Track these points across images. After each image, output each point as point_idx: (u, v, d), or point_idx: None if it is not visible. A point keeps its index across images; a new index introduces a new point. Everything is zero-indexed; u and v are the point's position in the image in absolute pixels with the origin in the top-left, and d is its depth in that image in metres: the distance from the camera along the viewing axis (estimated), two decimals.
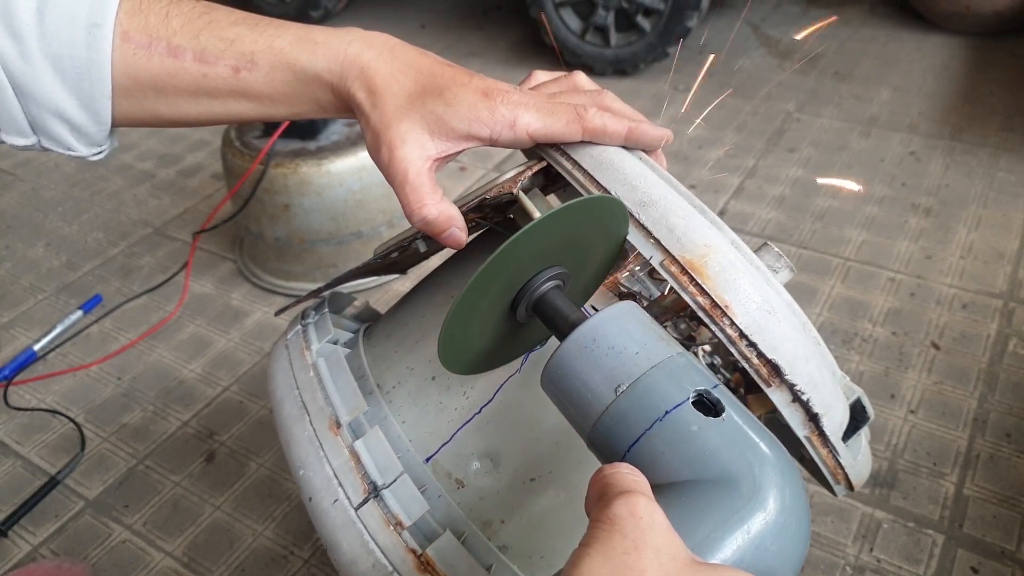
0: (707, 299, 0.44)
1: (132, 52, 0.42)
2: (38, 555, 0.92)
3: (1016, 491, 0.90)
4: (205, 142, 1.79)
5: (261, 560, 0.90)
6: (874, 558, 0.85)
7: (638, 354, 0.36)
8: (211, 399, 1.11)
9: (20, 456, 1.05)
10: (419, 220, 0.45)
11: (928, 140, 1.61)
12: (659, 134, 0.49)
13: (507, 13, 2.40)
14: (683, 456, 0.32)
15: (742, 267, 0.45)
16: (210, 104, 0.45)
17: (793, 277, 0.52)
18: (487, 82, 0.45)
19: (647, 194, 0.46)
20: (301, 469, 0.49)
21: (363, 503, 0.46)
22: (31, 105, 0.42)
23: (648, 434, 0.33)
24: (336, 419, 0.50)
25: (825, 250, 1.31)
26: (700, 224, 0.46)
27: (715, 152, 1.63)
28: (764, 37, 2.14)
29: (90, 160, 0.47)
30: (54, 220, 1.56)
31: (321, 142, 1.21)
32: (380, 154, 0.44)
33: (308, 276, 1.29)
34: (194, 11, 0.44)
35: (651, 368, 0.35)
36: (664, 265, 0.45)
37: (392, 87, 0.44)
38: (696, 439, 0.32)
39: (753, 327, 0.44)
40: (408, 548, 0.45)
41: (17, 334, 1.26)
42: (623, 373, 0.35)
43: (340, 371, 0.54)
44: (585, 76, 0.51)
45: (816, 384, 0.46)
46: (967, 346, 1.10)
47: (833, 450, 0.49)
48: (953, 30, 2.06)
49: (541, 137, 0.46)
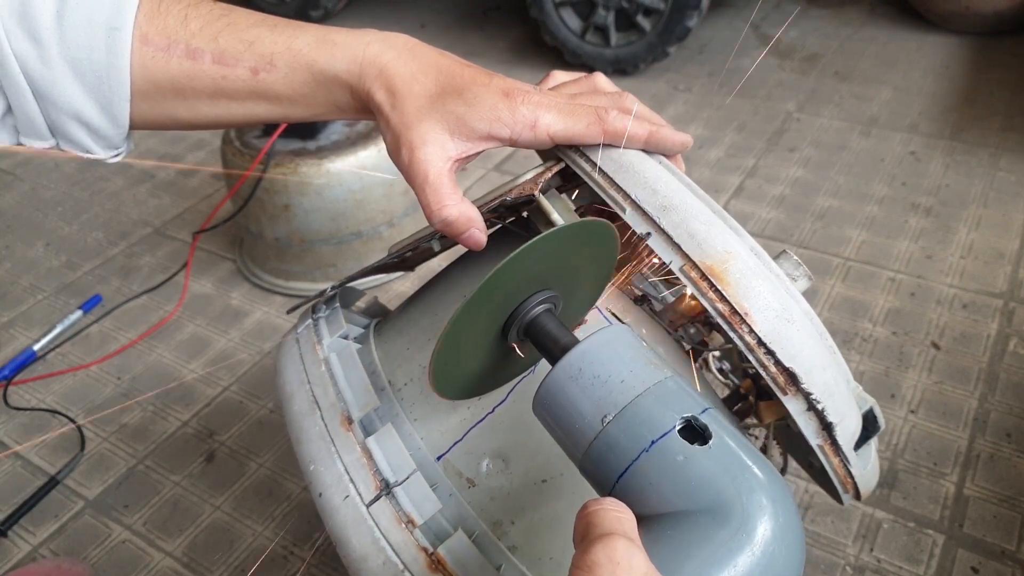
0: (727, 306, 0.43)
1: (151, 55, 0.42)
2: (38, 555, 0.92)
3: (1016, 491, 0.90)
4: (205, 142, 1.79)
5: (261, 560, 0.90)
6: (874, 558, 0.85)
7: (624, 382, 0.35)
8: (211, 399, 1.11)
9: (20, 456, 1.05)
10: (439, 221, 0.44)
11: (928, 140, 1.61)
12: (680, 139, 0.49)
13: (507, 13, 2.40)
14: (670, 488, 0.32)
15: (762, 274, 0.45)
16: (228, 106, 0.45)
17: (810, 285, 0.52)
18: (507, 82, 0.45)
19: (668, 198, 0.46)
20: (312, 464, 0.49)
21: (375, 500, 0.46)
22: (50, 108, 0.42)
23: (635, 465, 0.33)
24: (348, 415, 0.50)
25: (825, 250, 1.31)
26: (721, 230, 0.45)
27: (715, 152, 1.63)
28: (764, 37, 2.14)
29: (108, 162, 0.47)
30: (54, 220, 1.56)
31: (321, 142, 1.21)
32: (400, 155, 0.44)
33: (308, 276, 1.29)
34: (212, 13, 0.43)
35: (637, 396, 0.34)
36: (684, 270, 0.44)
37: (412, 88, 0.44)
38: (682, 469, 0.32)
39: (772, 335, 0.43)
40: (420, 547, 0.45)
41: (17, 334, 1.26)
42: (609, 403, 0.35)
43: (352, 367, 0.53)
44: (605, 77, 0.50)
45: (831, 394, 0.45)
46: (967, 346, 1.10)
47: (845, 460, 0.49)
48: (953, 30, 2.06)
49: (561, 139, 0.46)
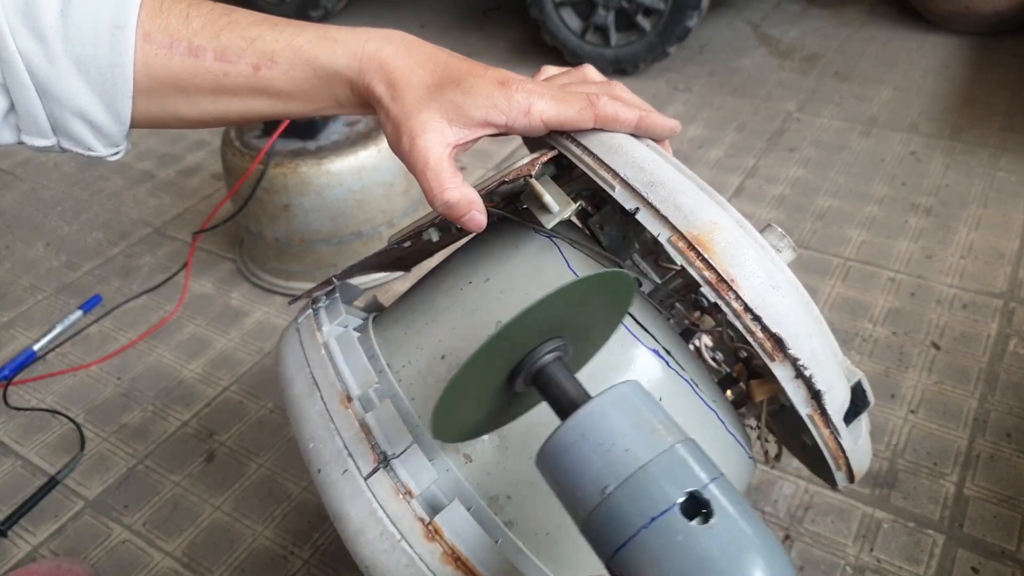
0: (713, 273, 0.44)
1: (154, 52, 0.43)
2: (38, 555, 0.92)
3: (1016, 491, 0.90)
4: (205, 142, 1.79)
5: (261, 560, 0.90)
6: (874, 558, 0.85)
7: (627, 451, 0.34)
8: (211, 399, 1.11)
9: (20, 456, 1.05)
10: (441, 204, 0.45)
11: (928, 140, 1.61)
12: (669, 124, 0.51)
13: (507, 13, 2.40)
14: (668, 566, 0.31)
15: (747, 244, 0.45)
16: (230, 102, 0.46)
17: (796, 257, 0.53)
18: (502, 73, 0.46)
19: (655, 175, 0.47)
20: (311, 442, 0.50)
21: (372, 472, 0.47)
22: (53, 106, 0.43)
23: (634, 540, 0.32)
24: (347, 394, 0.51)
25: (825, 250, 1.31)
26: (706, 203, 0.46)
27: (715, 152, 1.63)
28: (764, 37, 2.14)
29: (108, 160, 0.47)
30: (54, 220, 1.56)
31: (321, 142, 1.21)
32: (401, 143, 0.45)
33: (308, 276, 1.29)
34: (214, 12, 0.45)
35: (639, 469, 0.33)
36: (672, 241, 0.45)
37: (411, 80, 0.45)
38: (682, 549, 0.31)
39: (758, 301, 0.44)
40: (416, 516, 0.45)
41: (17, 334, 1.26)
42: (610, 474, 0.34)
43: (351, 349, 0.54)
44: (594, 68, 0.52)
45: (819, 361, 0.46)
46: (967, 346, 1.10)
47: (835, 430, 0.49)
48: (953, 30, 2.06)
49: (555, 124, 0.47)
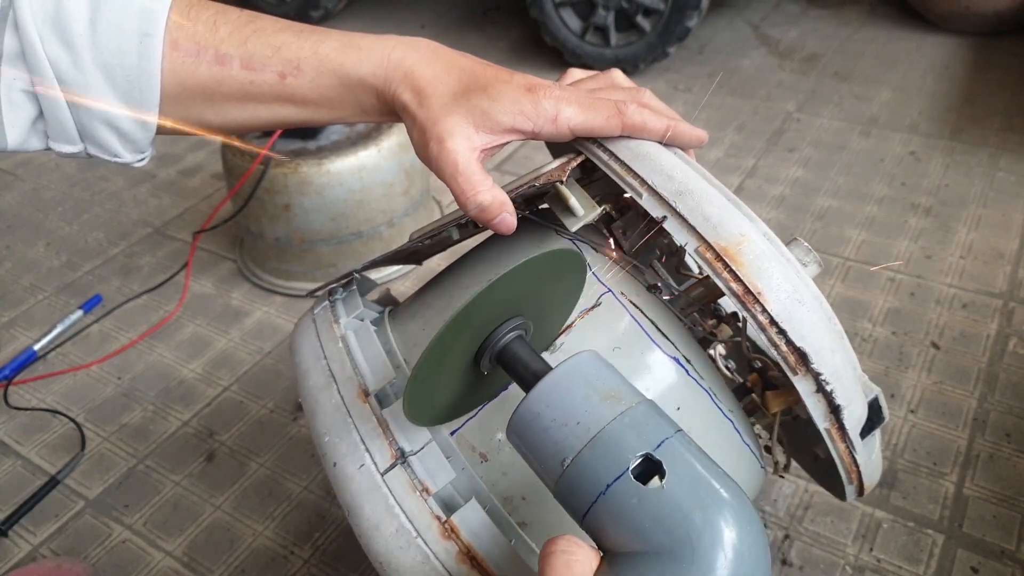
0: (740, 285, 0.44)
1: (181, 60, 0.44)
2: (38, 555, 0.92)
3: (1016, 491, 0.90)
4: (205, 142, 1.78)
5: (261, 560, 0.90)
6: (874, 558, 0.85)
7: (580, 424, 0.35)
8: (211, 399, 1.11)
9: (20, 456, 1.05)
10: (474, 207, 0.45)
11: (928, 140, 1.61)
12: (697, 134, 0.51)
13: (507, 13, 2.40)
14: (627, 529, 0.32)
15: (774, 257, 0.46)
16: (256, 109, 0.46)
17: (821, 271, 0.53)
18: (529, 78, 0.46)
19: (683, 184, 0.47)
20: (327, 435, 0.50)
21: (390, 468, 0.47)
22: (82, 113, 0.43)
23: (594, 507, 0.34)
24: (365, 388, 0.51)
25: (825, 250, 1.31)
26: (735, 214, 0.46)
27: (715, 152, 1.63)
28: (764, 37, 2.14)
29: (134, 166, 0.47)
30: (54, 220, 1.56)
31: (321, 142, 1.21)
32: (428, 149, 0.45)
33: (308, 276, 1.29)
34: (240, 19, 0.45)
35: (592, 439, 0.35)
36: (699, 251, 0.45)
37: (437, 87, 0.45)
38: (637, 512, 0.32)
39: (784, 315, 0.44)
40: (433, 514, 0.45)
41: (17, 334, 1.26)
42: (566, 447, 0.35)
43: (369, 343, 0.54)
44: (622, 74, 0.51)
45: (840, 377, 0.46)
46: (967, 346, 1.10)
47: (851, 445, 0.50)
48: (953, 30, 2.06)
49: (582, 131, 0.47)
